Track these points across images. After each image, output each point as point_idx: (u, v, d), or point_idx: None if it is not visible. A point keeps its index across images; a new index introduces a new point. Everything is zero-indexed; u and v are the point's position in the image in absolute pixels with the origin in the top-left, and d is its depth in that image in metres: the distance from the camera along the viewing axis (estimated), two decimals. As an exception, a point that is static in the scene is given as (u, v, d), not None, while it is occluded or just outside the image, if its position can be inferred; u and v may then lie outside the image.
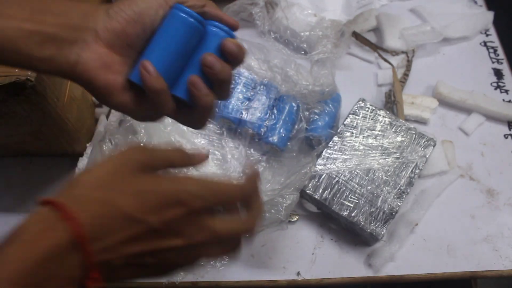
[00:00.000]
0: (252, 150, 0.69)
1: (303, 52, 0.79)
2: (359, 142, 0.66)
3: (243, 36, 0.76)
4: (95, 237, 0.32)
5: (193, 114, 0.42)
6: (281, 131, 0.66)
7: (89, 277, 0.32)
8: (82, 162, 0.66)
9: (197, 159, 0.39)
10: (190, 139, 0.68)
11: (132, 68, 0.40)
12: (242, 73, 0.71)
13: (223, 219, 0.36)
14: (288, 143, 0.67)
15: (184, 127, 0.68)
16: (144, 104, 0.40)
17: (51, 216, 0.31)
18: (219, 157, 0.68)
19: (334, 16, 0.81)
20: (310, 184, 0.62)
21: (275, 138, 0.66)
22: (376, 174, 0.63)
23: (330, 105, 0.69)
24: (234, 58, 0.41)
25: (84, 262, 0.31)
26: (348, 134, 0.66)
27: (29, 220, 0.32)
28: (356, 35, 0.82)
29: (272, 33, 0.80)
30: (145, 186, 0.34)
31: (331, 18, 0.79)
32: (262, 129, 0.67)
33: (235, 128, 0.69)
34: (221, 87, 0.41)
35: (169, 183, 0.34)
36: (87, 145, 0.68)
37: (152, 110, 0.41)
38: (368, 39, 0.82)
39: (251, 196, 0.38)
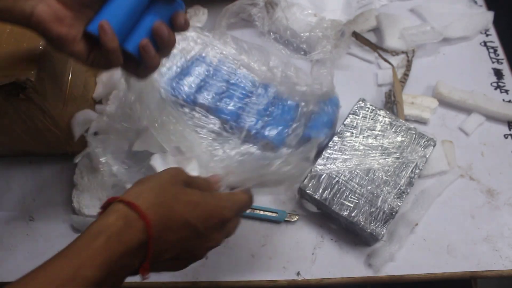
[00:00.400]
0: (249, 146, 0.68)
1: (303, 53, 0.79)
2: (359, 142, 0.66)
3: (243, 36, 0.76)
4: (158, 236, 0.39)
5: (139, 69, 0.49)
6: (279, 128, 0.66)
7: (142, 266, 0.39)
8: (82, 162, 0.66)
9: (215, 186, 0.49)
10: (188, 131, 0.67)
11: (90, 21, 0.45)
12: (242, 72, 0.71)
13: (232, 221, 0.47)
14: (286, 140, 0.67)
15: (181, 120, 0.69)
16: (95, 54, 0.46)
17: (131, 215, 0.38)
18: (218, 152, 0.67)
19: (334, 16, 0.81)
20: (310, 184, 0.62)
21: (272, 135, 0.66)
22: (376, 174, 0.63)
23: (329, 106, 0.69)
24: (181, 29, 0.49)
25: (145, 256, 0.39)
26: (348, 134, 0.66)
27: (110, 215, 0.38)
28: (356, 35, 0.82)
29: (272, 33, 0.80)
30: (195, 198, 0.43)
31: (331, 18, 0.79)
32: (259, 126, 0.67)
33: (233, 124, 0.69)
34: (165, 50, 0.49)
35: (213, 199, 0.44)
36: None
37: (102, 60, 0.46)
38: (368, 39, 0.82)
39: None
